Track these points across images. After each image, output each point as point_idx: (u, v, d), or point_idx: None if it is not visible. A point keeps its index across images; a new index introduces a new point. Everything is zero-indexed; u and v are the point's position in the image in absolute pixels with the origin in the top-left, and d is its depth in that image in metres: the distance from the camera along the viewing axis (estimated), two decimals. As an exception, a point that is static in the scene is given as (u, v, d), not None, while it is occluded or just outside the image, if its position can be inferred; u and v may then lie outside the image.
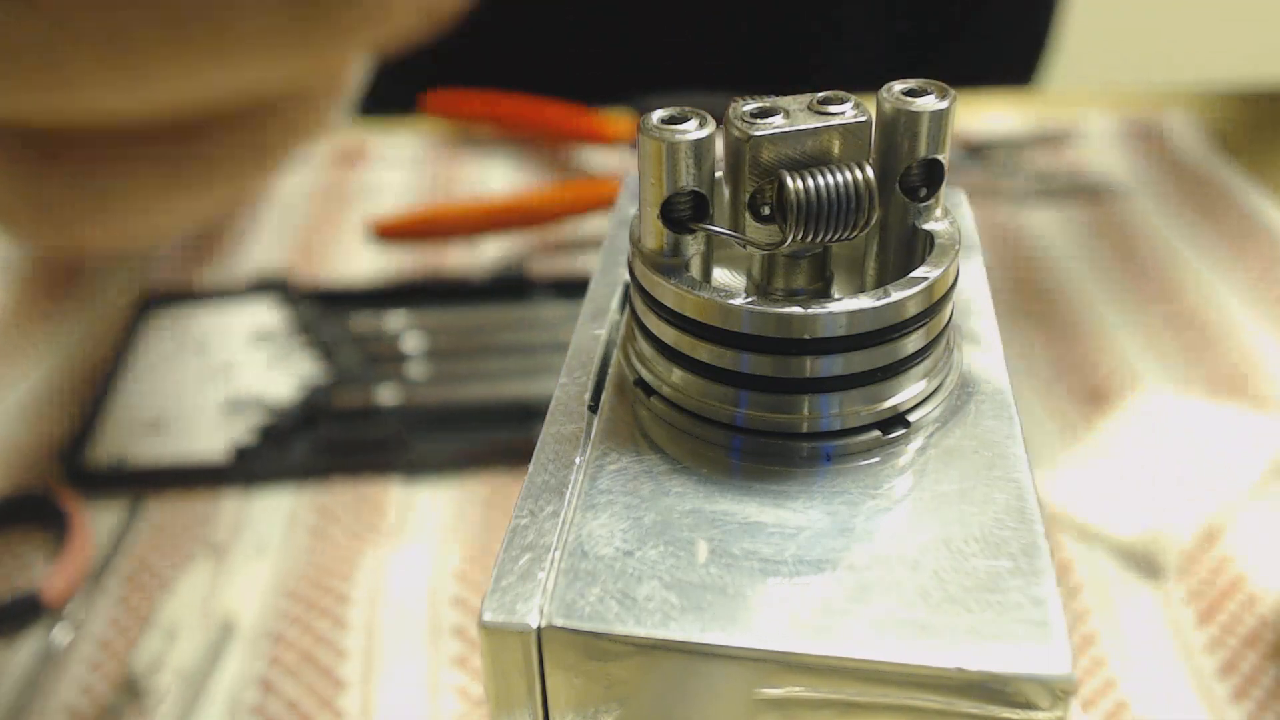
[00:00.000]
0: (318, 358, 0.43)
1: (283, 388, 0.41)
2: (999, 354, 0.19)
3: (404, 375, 0.42)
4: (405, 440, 0.39)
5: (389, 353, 0.43)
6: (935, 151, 0.17)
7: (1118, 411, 0.40)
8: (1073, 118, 0.61)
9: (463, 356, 0.43)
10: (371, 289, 0.48)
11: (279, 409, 0.40)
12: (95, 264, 0.50)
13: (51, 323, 0.47)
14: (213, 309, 0.46)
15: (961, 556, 0.15)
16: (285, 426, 0.39)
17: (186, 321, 0.46)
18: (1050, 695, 0.14)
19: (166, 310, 0.46)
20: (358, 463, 0.39)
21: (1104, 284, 0.48)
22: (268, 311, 0.46)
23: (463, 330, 0.44)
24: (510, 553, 0.15)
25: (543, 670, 0.15)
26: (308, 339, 0.44)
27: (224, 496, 0.38)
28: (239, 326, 0.45)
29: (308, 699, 0.31)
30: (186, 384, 0.42)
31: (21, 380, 0.43)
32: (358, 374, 0.42)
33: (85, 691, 0.31)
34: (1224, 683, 0.31)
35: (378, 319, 0.45)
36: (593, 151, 0.60)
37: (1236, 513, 0.36)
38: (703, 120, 0.16)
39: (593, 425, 0.18)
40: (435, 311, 0.45)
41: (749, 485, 0.16)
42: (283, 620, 0.33)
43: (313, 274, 0.50)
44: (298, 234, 0.53)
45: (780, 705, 0.14)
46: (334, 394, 0.40)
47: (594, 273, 0.21)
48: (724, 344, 0.16)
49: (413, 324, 0.44)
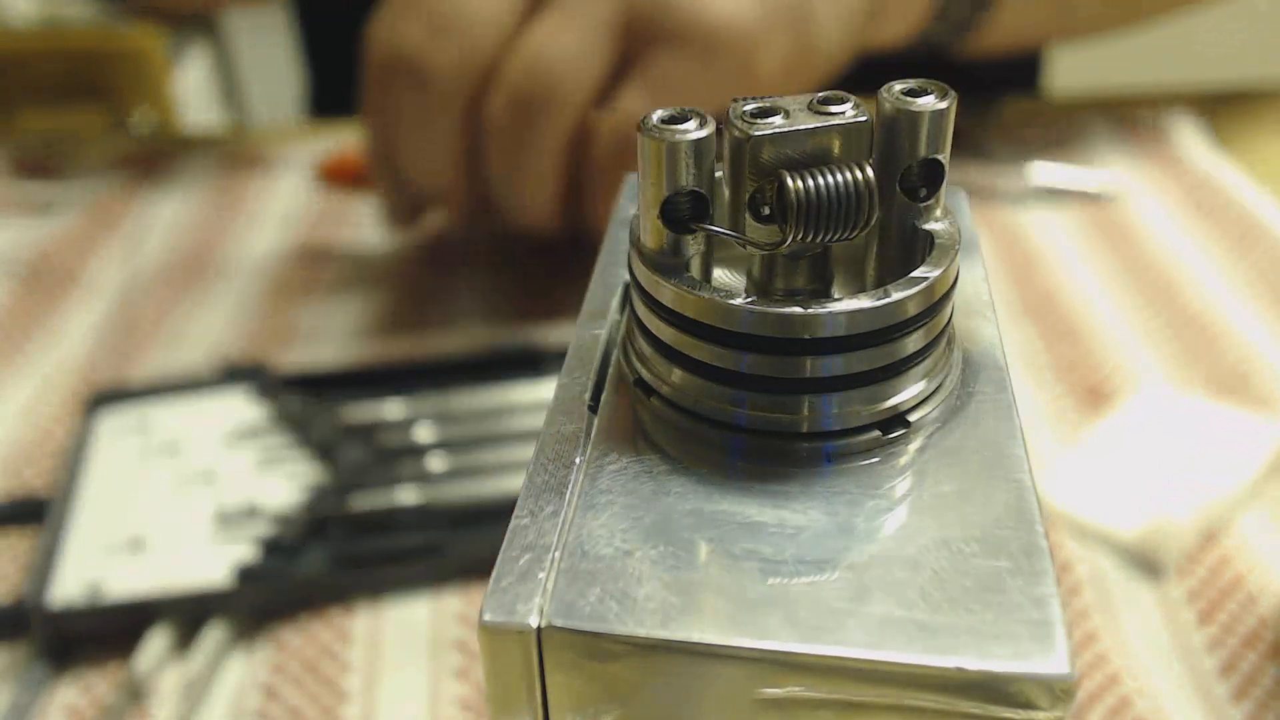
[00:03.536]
0: (314, 457, 0.37)
1: (281, 493, 0.36)
2: (999, 354, 0.19)
3: (422, 471, 0.37)
4: (438, 545, 0.34)
5: (400, 446, 0.38)
6: (935, 151, 0.17)
7: (1118, 411, 0.40)
8: (1073, 118, 0.61)
9: (483, 446, 0.38)
10: (361, 371, 0.42)
11: (282, 517, 0.35)
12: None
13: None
14: (176, 404, 0.40)
15: (961, 556, 0.15)
16: (293, 538, 0.34)
17: (148, 421, 0.39)
18: (1050, 695, 0.14)
19: (120, 408, 0.40)
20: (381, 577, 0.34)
21: (1104, 284, 0.48)
22: (244, 404, 0.39)
23: (476, 415, 0.39)
24: (510, 553, 0.15)
25: (543, 670, 0.15)
26: (298, 435, 0.38)
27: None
28: (212, 423, 0.39)
29: (310, 707, 0.31)
30: (163, 494, 0.36)
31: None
32: (367, 473, 0.36)
33: (85, 692, 0.31)
34: (1224, 683, 0.31)
35: (375, 407, 0.39)
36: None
37: (1236, 513, 0.36)
38: (703, 120, 0.16)
39: (593, 425, 0.18)
40: (439, 395, 0.40)
41: (749, 485, 0.16)
42: (286, 627, 0.33)
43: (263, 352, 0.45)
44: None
45: (780, 705, 0.14)
46: (345, 498, 0.35)
47: (594, 273, 0.21)
48: (724, 344, 0.16)
49: (418, 411, 0.39)
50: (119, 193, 0.58)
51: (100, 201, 0.57)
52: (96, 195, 0.57)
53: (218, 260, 0.52)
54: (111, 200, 0.57)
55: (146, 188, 0.58)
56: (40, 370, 0.44)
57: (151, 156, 0.61)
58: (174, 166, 0.60)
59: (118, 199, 0.57)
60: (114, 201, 0.57)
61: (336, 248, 0.53)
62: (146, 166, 0.60)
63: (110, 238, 0.54)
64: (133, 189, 0.58)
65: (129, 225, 0.55)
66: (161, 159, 0.61)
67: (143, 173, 0.59)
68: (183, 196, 0.57)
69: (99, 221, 0.55)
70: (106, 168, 0.60)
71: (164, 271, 0.51)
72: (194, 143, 0.64)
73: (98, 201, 0.57)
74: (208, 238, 0.54)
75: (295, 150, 0.61)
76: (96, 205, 0.56)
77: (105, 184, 0.58)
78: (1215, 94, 0.63)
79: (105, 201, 0.57)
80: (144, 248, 0.53)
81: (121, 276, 0.51)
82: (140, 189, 0.58)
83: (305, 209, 0.56)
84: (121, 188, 0.58)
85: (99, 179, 0.59)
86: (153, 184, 0.58)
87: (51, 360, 0.45)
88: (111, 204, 0.56)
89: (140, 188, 0.58)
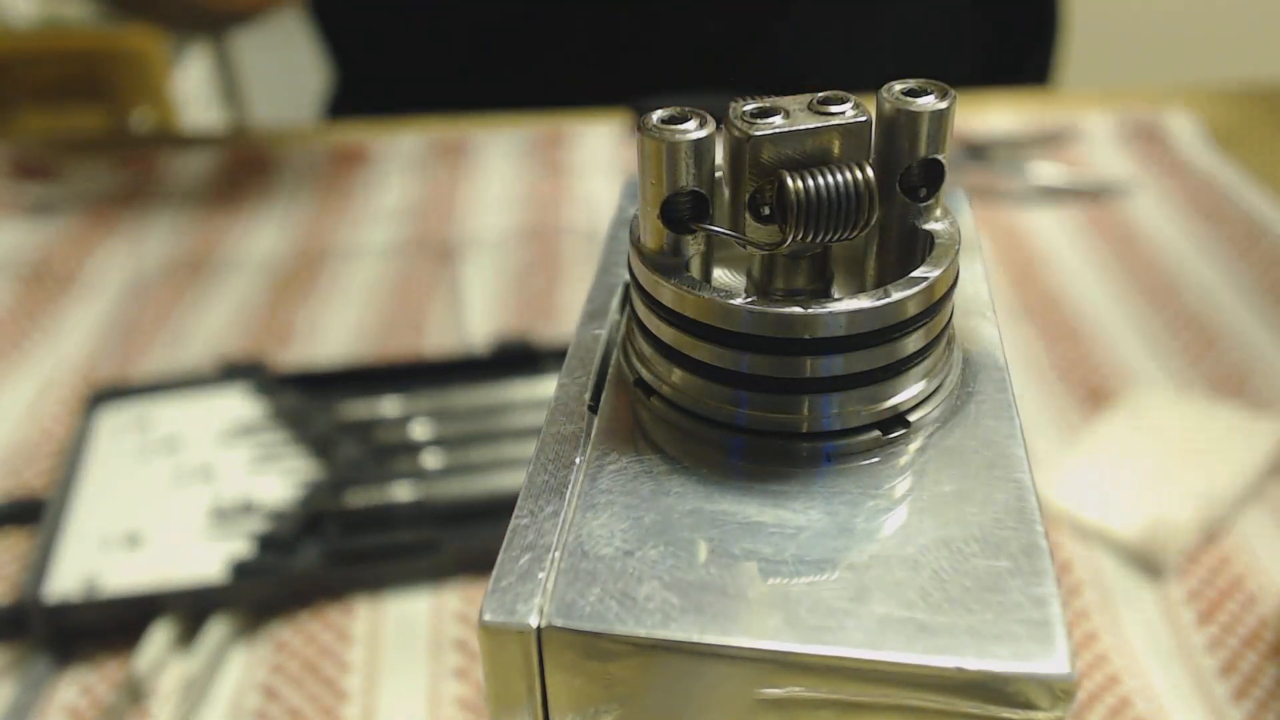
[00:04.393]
0: (311, 453, 0.37)
1: (277, 489, 0.36)
2: (999, 354, 0.19)
3: (418, 468, 0.37)
4: (434, 542, 0.34)
5: (395, 442, 0.38)
6: (935, 151, 0.17)
7: (1118, 411, 0.40)
8: (1073, 118, 0.61)
9: (477, 443, 0.38)
10: (357, 369, 0.42)
11: (277, 513, 0.35)
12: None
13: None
14: (175, 401, 0.40)
15: (961, 556, 0.15)
16: (288, 533, 0.34)
17: (147, 418, 0.39)
18: (1050, 695, 0.13)
19: (120, 406, 0.40)
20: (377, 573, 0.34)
21: (1104, 284, 0.48)
22: (241, 401, 0.40)
23: (471, 413, 0.39)
24: (510, 553, 0.15)
25: (543, 670, 0.15)
26: (295, 432, 0.38)
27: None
28: (210, 420, 0.39)
29: (310, 707, 0.31)
30: (160, 490, 0.36)
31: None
32: (363, 469, 0.36)
33: (85, 692, 0.31)
34: (1224, 683, 0.31)
35: (372, 405, 0.39)
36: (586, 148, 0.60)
37: (1236, 513, 0.36)
38: (703, 120, 0.16)
39: (593, 425, 0.18)
40: (435, 393, 0.40)
41: (749, 485, 0.16)
42: (286, 627, 0.33)
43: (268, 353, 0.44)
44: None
45: (780, 705, 0.14)
46: (340, 494, 0.35)
47: (594, 273, 0.21)
48: (724, 344, 0.16)
49: (413, 408, 0.39)
50: (119, 193, 0.58)
51: (100, 201, 0.57)
52: (96, 195, 0.57)
53: (218, 260, 0.52)
54: (111, 200, 0.57)
55: (147, 188, 0.58)
56: (41, 370, 0.44)
57: (151, 156, 0.61)
58: (174, 166, 0.60)
59: (118, 199, 0.57)
60: (114, 201, 0.57)
61: (337, 248, 0.53)
62: (146, 166, 0.60)
63: (110, 238, 0.54)
64: (133, 189, 0.58)
65: (129, 225, 0.55)
66: (161, 159, 0.61)
67: (143, 173, 0.59)
68: (183, 196, 0.57)
69: (99, 221, 0.55)
70: (106, 168, 0.60)
71: (164, 271, 0.51)
72: (194, 142, 0.64)
73: (98, 201, 0.57)
74: (208, 237, 0.54)
75: (296, 150, 0.61)
76: (96, 205, 0.56)
77: (105, 184, 0.58)
78: (1215, 94, 0.63)
79: (105, 201, 0.57)
80: (144, 247, 0.53)
81: (122, 276, 0.51)
82: (140, 189, 0.58)
83: (306, 209, 0.56)
84: (121, 188, 0.58)
85: (99, 179, 0.59)
86: (153, 184, 0.58)
87: (52, 360, 0.45)
88: (111, 204, 0.56)
89: (140, 188, 0.58)
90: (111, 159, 0.60)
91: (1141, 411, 0.39)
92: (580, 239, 0.52)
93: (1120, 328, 0.45)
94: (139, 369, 0.44)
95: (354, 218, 0.55)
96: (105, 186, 0.58)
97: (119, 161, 0.60)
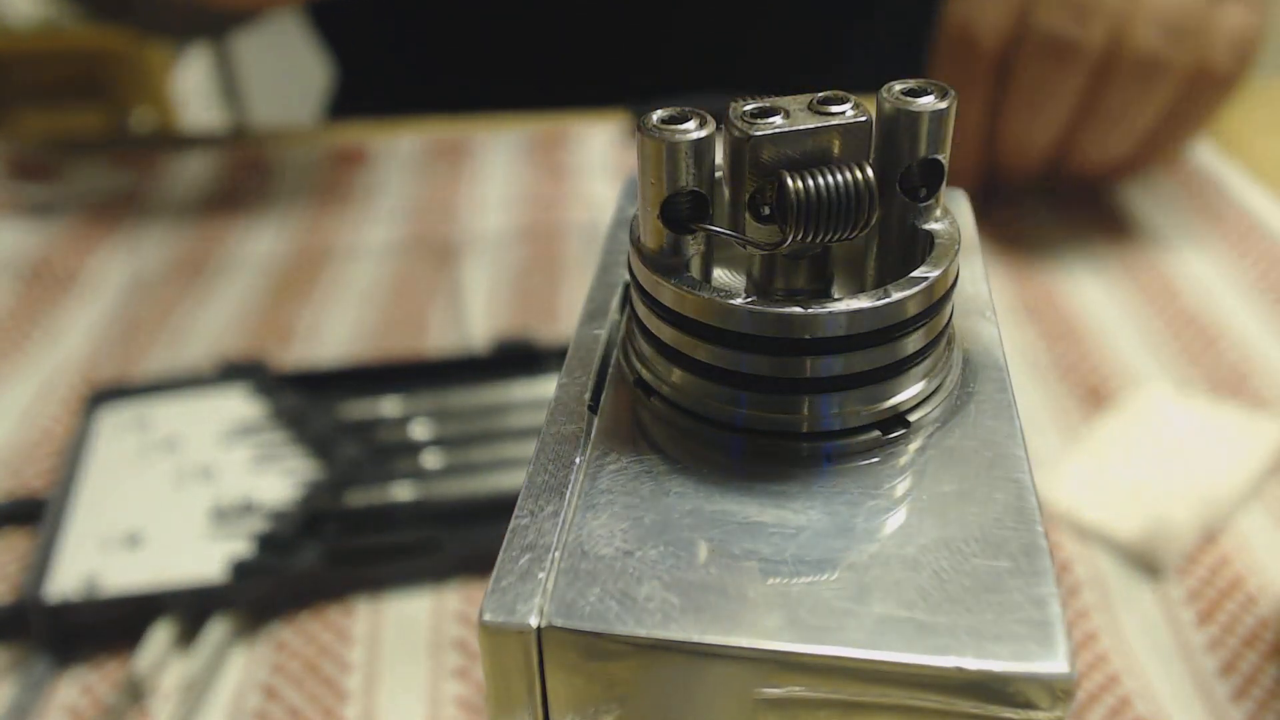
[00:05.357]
0: (311, 453, 0.37)
1: (277, 489, 0.36)
2: (999, 354, 0.19)
3: (418, 468, 0.37)
4: (434, 541, 0.34)
5: (395, 442, 0.38)
6: (935, 151, 0.17)
7: (1118, 411, 0.40)
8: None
9: (477, 443, 0.38)
10: (358, 369, 0.42)
11: (277, 513, 0.35)
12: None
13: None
14: (175, 401, 0.40)
15: (961, 556, 0.15)
16: (288, 533, 0.34)
17: (147, 418, 0.39)
18: (1050, 695, 0.14)
19: (120, 406, 0.40)
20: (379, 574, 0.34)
21: (1104, 284, 0.48)
22: (241, 401, 0.40)
23: (471, 413, 0.39)
24: (510, 553, 0.15)
25: (543, 670, 0.15)
26: (295, 432, 0.38)
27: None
28: (210, 420, 0.39)
29: (310, 707, 0.31)
30: (160, 490, 0.36)
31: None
32: (363, 469, 0.36)
33: (86, 692, 0.31)
34: (1224, 683, 0.31)
35: (372, 404, 0.39)
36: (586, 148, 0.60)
37: (1236, 513, 0.36)
38: (703, 120, 0.16)
39: (593, 425, 0.18)
40: (435, 393, 0.40)
41: (749, 485, 0.16)
42: (286, 626, 0.33)
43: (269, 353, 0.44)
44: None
45: (780, 705, 0.14)
46: (340, 494, 0.35)
47: (594, 273, 0.21)
48: (724, 344, 0.16)
49: (413, 408, 0.39)
50: (119, 193, 0.58)
51: (100, 201, 0.57)
52: (96, 195, 0.57)
53: (218, 260, 0.52)
54: (112, 200, 0.57)
55: (146, 188, 0.58)
56: (41, 370, 0.44)
57: (151, 156, 0.61)
58: (174, 167, 0.60)
59: (118, 199, 0.57)
60: (114, 201, 0.57)
61: (337, 247, 0.53)
62: (146, 166, 0.60)
63: (110, 238, 0.54)
64: (133, 189, 0.58)
65: (129, 225, 0.55)
66: (161, 159, 0.61)
67: (143, 173, 0.59)
68: (183, 196, 0.57)
69: (99, 221, 0.55)
70: (106, 168, 0.60)
71: (164, 271, 0.51)
72: (194, 143, 0.64)
73: (98, 201, 0.57)
74: (208, 237, 0.54)
75: (296, 151, 0.61)
76: (96, 205, 0.56)
77: (105, 184, 0.58)
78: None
79: (105, 201, 0.57)
80: (144, 247, 0.53)
81: (122, 276, 0.51)
82: (140, 189, 0.58)
83: (307, 209, 0.56)
84: (121, 188, 0.58)
85: (99, 179, 0.59)
86: (153, 184, 0.58)
87: (52, 360, 0.45)
88: (112, 204, 0.56)
89: (140, 188, 0.58)
90: (111, 159, 0.60)
91: (1141, 411, 0.39)
92: (580, 239, 0.52)
93: (1120, 328, 0.45)
94: (139, 369, 0.44)
95: (354, 218, 0.55)
96: (105, 186, 0.58)
97: (119, 161, 0.60)
